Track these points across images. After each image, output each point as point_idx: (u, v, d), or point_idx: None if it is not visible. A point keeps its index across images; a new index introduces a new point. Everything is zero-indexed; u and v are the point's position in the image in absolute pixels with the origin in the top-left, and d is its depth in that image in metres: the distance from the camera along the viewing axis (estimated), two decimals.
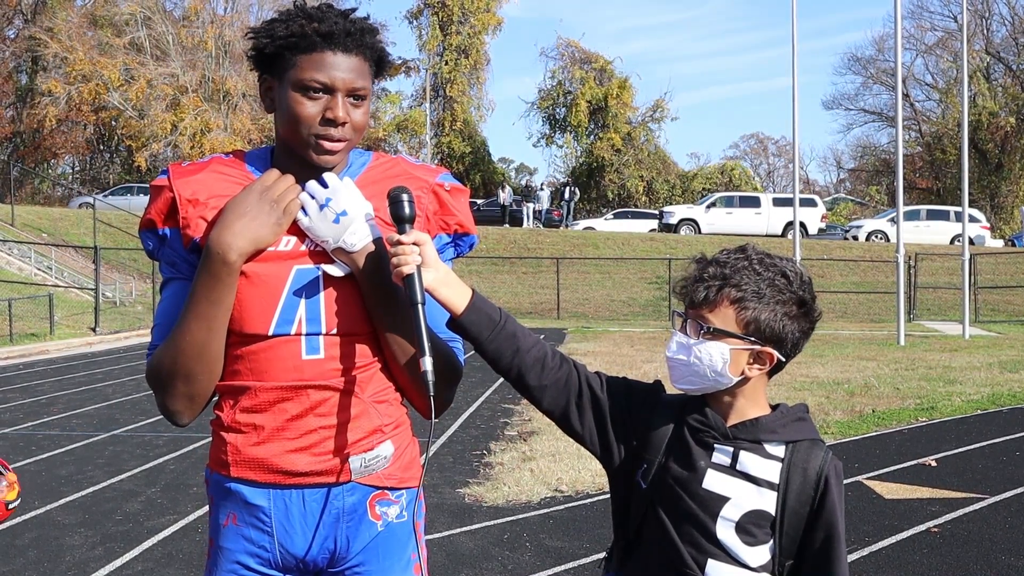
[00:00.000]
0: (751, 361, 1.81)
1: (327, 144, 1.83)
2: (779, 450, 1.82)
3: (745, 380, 1.82)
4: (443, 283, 1.83)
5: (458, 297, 1.85)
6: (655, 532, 1.83)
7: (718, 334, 1.78)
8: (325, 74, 1.80)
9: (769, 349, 1.80)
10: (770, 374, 1.86)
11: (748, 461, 1.80)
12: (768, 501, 1.79)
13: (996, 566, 4.89)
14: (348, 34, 1.81)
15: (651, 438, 1.87)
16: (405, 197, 1.82)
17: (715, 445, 1.82)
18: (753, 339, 1.79)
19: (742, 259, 1.82)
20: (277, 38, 1.83)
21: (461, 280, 1.88)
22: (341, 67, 1.81)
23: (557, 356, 1.92)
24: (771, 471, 1.80)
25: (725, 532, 1.78)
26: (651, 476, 1.84)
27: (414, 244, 1.79)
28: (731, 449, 1.81)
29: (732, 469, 1.80)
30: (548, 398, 1.91)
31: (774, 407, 1.88)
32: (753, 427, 1.82)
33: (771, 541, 1.80)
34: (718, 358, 1.78)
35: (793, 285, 1.80)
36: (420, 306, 1.76)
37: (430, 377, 1.75)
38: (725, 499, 1.79)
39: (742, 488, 1.79)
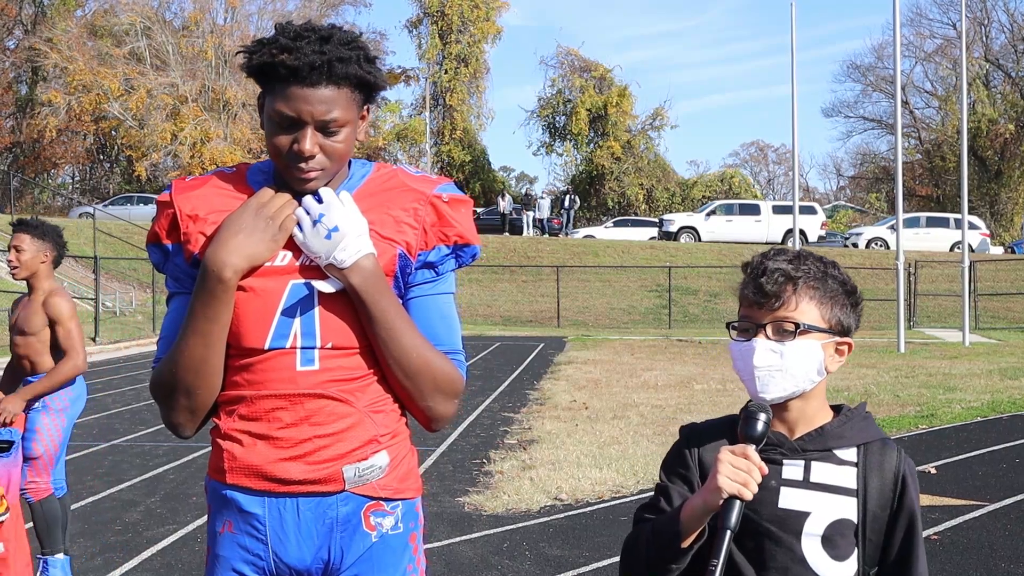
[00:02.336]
0: (832, 355, 1.81)
1: (298, 175, 1.84)
2: (850, 454, 1.79)
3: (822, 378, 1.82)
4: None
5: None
6: (731, 569, 1.76)
7: (809, 330, 1.76)
8: (292, 108, 1.79)
9: (849, 340, 1.82)
10: None
11: (821, 471, 1.77)
12: (849, 508, 1.75)
13: (996, 573, 4.88)
14: (313, 68, 1.77)
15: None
16: (762, 417, 1.72)
17: (784, 461, 1.78)
18: (833, 332, 1.79)
19: (795, 257, 1.82)
20: (251, 66, 1.82)
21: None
22: (310, 100, 1.78)
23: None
24: (847, 477, 1.77)
25: (811, 549, 1.74)
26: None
27: (759, 469, 1.66)
28: (802, 462, 1.77)
29: (806, 482, 1.76)
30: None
31: (835, 408, 1.86)
32: (820, 436, 1.79)
33: (855, 551, 1.76)
34: (814, 356, 1.76)
35: (842, 276, 1.83)
36: (730, 531, 1.65)
37: None
38: (806, 515, 1.74)
39: (821, 500, 1.75)
